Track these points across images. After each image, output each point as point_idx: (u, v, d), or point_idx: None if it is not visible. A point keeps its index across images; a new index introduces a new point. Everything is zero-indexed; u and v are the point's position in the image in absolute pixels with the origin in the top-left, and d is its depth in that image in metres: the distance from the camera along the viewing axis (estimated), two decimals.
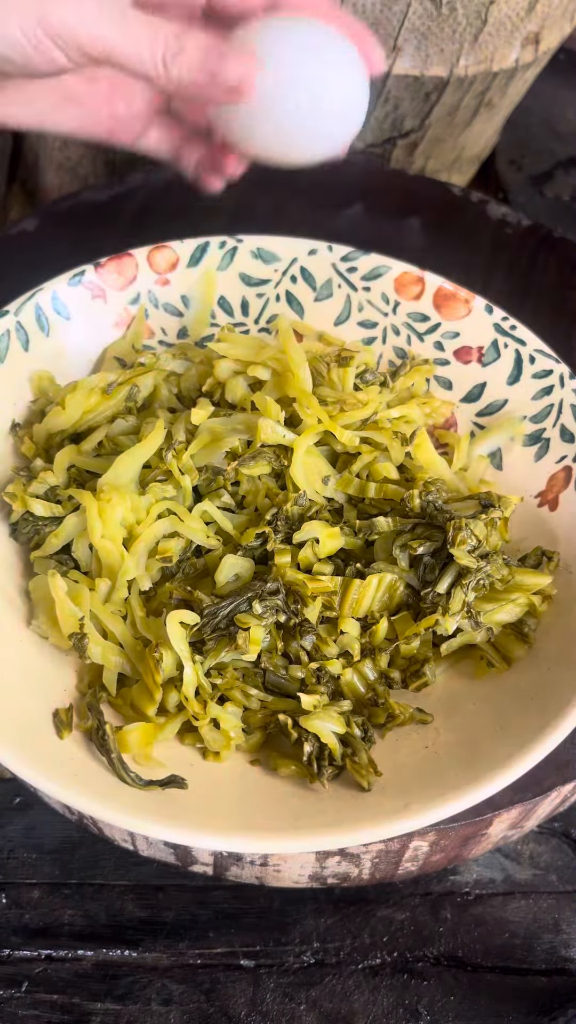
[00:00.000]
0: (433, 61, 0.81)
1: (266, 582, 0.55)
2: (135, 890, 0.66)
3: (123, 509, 0.56)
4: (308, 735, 0.52)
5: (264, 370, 0.61)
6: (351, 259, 0.68)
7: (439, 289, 0.67)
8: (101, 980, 0.63)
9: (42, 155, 0.98)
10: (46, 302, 0.63)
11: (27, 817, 0.68)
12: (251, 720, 0.55)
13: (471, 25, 0.79)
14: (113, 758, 0.51)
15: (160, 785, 0.50)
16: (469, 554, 0.55)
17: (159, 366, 0.63)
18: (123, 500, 0.56)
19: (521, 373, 0.65)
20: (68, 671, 0.56)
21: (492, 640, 0.56)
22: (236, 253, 0.67)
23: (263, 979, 0.64)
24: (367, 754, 0.52)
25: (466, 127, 0.91)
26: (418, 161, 0.93)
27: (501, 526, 0.60)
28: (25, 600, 0.57)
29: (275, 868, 0.57)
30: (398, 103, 0.85)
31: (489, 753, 0.51)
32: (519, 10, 0.80)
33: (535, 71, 0.90)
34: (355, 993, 0.63)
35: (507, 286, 0.80)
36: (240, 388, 0.62)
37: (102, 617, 0.55)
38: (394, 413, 0.63)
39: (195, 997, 0.63)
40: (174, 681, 0.53)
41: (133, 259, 0.66)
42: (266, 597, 0.54)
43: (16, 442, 0.61)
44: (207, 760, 0.54)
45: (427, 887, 0.67)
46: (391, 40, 0.79)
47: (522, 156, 1.08)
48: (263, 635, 0.54)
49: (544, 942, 0.66)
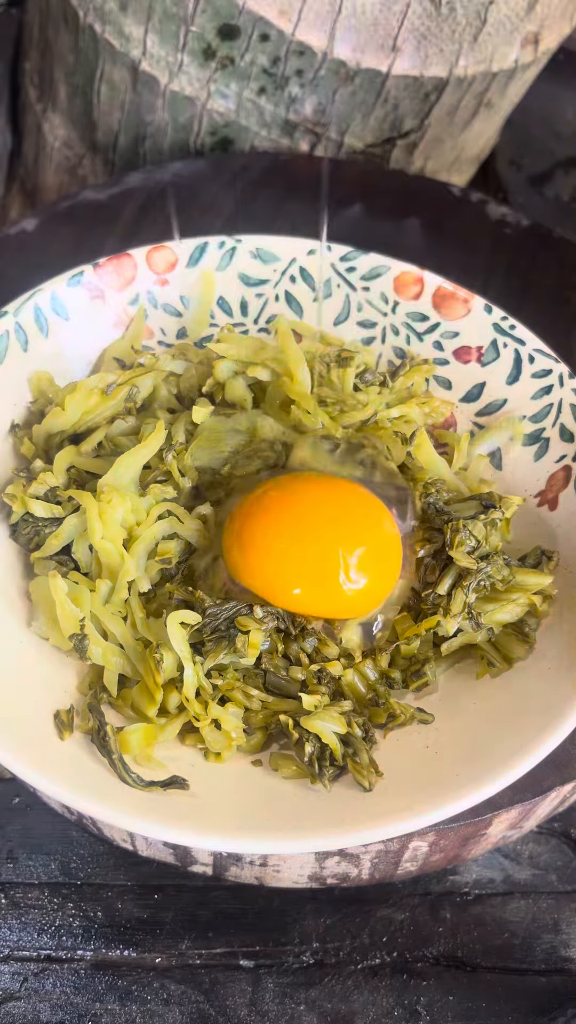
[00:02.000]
0: (432, 61, 0.81)
1: None
2: (135, 890, 0.66)
3: (123, 510, 0.56)
4: (309, 735, 0.52)
5: (264, 370, 0.61)
6: (350, 259, 0.68)
7: (438, 289, 0.67)
8: (101, 980, 0.63)
9: (42, 155, 0.98)
10: (45, 303, 0.63)
11: (27, 817, 0.68)
12: (252, 720, 0.54)
13: (471, 25, 0.79)
14: (114, 759, 0.51)
15: (162, 786, 0.50)
16: (469, 555, 0.55)
17: (158, 367, 0.63)
18: (123, 501, 0.56)
19: (520, 373, 0.65)
20: (69, 672, 0.55)
21: (493, 640, 0.56)
22: (235, 253, 0.67)
23: (263, 979, 0.64)
24: (368, 754, 0.52)
25: (465, 127, 0.91)
26: (417, 161, 0.93)
27: (503, 526, 0.60)
28: (25, 601, 0.57)
29: (274, 868, 0.57)
30: (397, 103, 0.85)
31: (491, 753, 0.51)
32: (519, 10, 0.80)
33: (535, 71, 0.90)
34: (355, 993, 0.63)
35: (506, 286, 0.79)
36: (240, 388, 0.62)
37: (102, 618, 0.55)
38: (394, 413, 0.63)
39: (195, 997, 0.63)
40: (175, 682, 0.53)
41: (132, 259, 0.66)
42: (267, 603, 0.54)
43: (16, 443, 0.61)
44: (208, 761, 0.54)
45: (426, 887, 0.67)
46: (391, 40, 0.79)
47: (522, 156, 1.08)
48: (263, 639, 0.54)
49: (543, 942, 0.66)
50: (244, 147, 0.89)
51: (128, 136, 0.92)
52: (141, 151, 0.92)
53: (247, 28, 0.80)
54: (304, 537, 0.54)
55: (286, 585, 0.54)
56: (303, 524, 0.55)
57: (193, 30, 0.81)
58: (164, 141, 0.91)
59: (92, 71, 0.89)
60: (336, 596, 0.54)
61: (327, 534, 0.55)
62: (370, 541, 0.55)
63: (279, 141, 0.88)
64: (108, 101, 0.90)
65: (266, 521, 0.55)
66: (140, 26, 0.82)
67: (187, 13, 0.80)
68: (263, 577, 0.54)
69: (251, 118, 0.86)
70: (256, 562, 0.54)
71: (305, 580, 0.54)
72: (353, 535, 0.55)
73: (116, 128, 0.92)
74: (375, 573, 0.55)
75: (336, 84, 0.83)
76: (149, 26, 0.82)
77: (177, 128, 0.89)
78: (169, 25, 0.81)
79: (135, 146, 0.92)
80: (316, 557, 0.54)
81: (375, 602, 0.56)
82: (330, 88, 0.83)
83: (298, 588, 0.54)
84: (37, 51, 0.96)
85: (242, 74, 0.83)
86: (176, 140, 0.90)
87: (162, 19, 0.81)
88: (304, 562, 0.54)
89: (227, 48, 0.81)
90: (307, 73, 0.82)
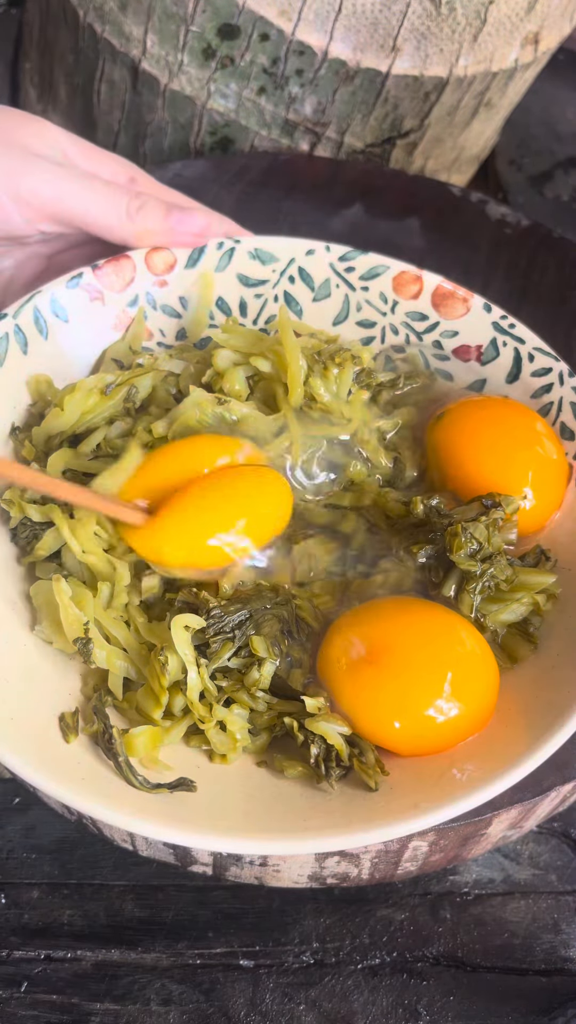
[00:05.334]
0: (432, 61, 0.81)
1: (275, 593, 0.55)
2: (134, 890, 0.66)
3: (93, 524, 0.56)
4: (315, 737, 0.52)
5: (265, 361, 0.61)
6: (349, 259, 0.68)
7: (437, 288, 0.67)
8: (100, 980, 0.63)
9: None
10: (44, 305, 0.63)
11: (26, 817, 0.68)
12: (257, 722, 0.54)
13: (470, 25, 0.79)
14: (120, 762, 0.50)
15: (169, 788, 0.50)
16: (470, 558, 0.55)
17: (157, 367, 0.63)
18: (90, 519, 0.56)
19: (520, 371, 0.65)
20: (73, 675, 0.55)
21: (498, 641, 0.56)
22: (234, 254, 0.67)
23: (262, 979, 0.64)
24: (374, 754, 0.52)
25: (465, 127, 0.91)
26: (417, 161, 0.93)
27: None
28: (28, 605, 0.57)
29: (274, 868, 0.57)
30: (397, 103, 0.85)
31: (496, 751, 0.51)
32: (518, 10, 0.80)
33: (535, 71, 0.90)
34: (354, 993, 0.63)
35: (506, 286, 0.80)
36: (239, 379, 0.61)
37: (105, 622, 0.55)
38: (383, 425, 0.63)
39: (194, 997, 0.63)
40: (180, 684, 0.53)
41: (131, 261, 0.66)
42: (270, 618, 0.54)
43: (17, 446, 0.61)
44: (214, 762, 0.53)
45: (426, 887, 0.67)
46: (391, 40, 0.79)
47: (522, 156, 1.08)
48: (272, 670, 0.54)
49: (543, 942, 0.66)
50: (244, 147, 0.89)
51: (128, 136, 0.92)
52: (141, 151, 0.92)
53: (247, 28, 0.80)
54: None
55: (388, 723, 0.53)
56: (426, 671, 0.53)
57: (193, 30, 0.81)
58: (164, 141, 0.91)
59: (92, 71, 0.89)
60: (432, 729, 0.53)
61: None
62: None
63: (279, 141, 0.88)
64: (108, 101, 0.90)
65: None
66: (140, 26, 0.82)
67: (187, 13, 0.80)
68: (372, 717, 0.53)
69: (251, 118, 0.86)
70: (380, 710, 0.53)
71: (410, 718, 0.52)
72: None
73: (116, 128, 0.92)
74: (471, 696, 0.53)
75: (336, 84, 0.83)
76: (149, 26, 0.82)
77: (177, 128, 0.89)
78: (169, 25, 0.81)
79: (135, 146, 0.92)
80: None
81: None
82: (330, 88, 0.83)
83: (398, 723, 0.53)
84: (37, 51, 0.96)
85: (242, 74, 0.83)
86: (176, 140, 0.90)
87: (162, 19, 0.81)
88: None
89: (227, 48, 0.81)
90: (307, 73, 0.82)
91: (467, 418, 0.62)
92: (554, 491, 0.61)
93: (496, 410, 0.63)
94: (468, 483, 0.60)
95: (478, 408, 0.63)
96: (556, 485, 0.61)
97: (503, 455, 0.60)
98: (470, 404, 0.64)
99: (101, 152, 0.66)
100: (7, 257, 0.67)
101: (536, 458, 0.61)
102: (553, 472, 0.61)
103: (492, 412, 0.63)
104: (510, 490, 0.59)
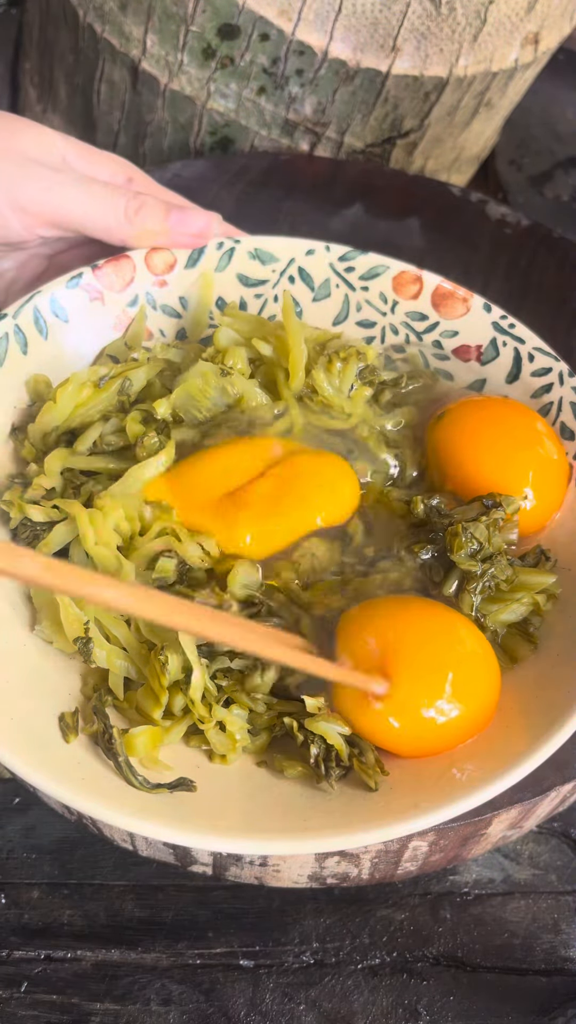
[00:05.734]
0: (432, 61, 0.81)
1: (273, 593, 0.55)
2: (134, 890, 0.66)
3: (115, 518, 0.55)
4: (314, 737, 0.52)
5: (266, 345, 0.61)
6: (349, 259, 0.68)
7: (437, 288, 0.67)
8: (100, 980, 0.63)
9: None
10: (44, 305, 0.63)
11: (26, 817, 0.68)
12: (257, 722, 0.54)
13: (470, 25, 0.79)
14: (120, 762, 0.50)
15: (168, 788, 0.50)
16: (470, 558, 0.55)
17: (154, 357, 0.63)
18: (115, 509, 0.55)
19: (520, 371, 0.65)
20: (73, 675, 0.55)
21: (499, 642, 0.56)
22: (233, 254, 0.67)
23: (262, 979, 0.64)
24: (374, 754, 0.52)
25: (465, 127, 0.91)
26: (417, 161, 0.93)
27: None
28: (29, 604, 0.57)
29: (274, 868, 0.57)
30: (397, 103, 0.85)
31: (496, 751, 0.51)
32: (518, 10, 0.80)
33: (535, 71, 0.90)
34: (354, 993, 0.63)
35: (506, 286, 0.80)
36: (241, 358, 0.61)
37: (105, 622, 0.54)
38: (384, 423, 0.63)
39: (194, 997, 0.63)
40: (179, 684, 0.53)
41: (131, 261, 0.66)
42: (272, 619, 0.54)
43: (17, 446, 0.61)
44: (213, 762, 0.53)
45: (426, 887, 0.67)
46: (391, 40, 0.79)
47: (522, 156, 1.08)
48: (275, 677, 0.54)
49: (543, 942, 0.66)
50: (244, 147, 0.89)
51: (128, 136, 0.92)
52: (141, 151, 0.92)
53: (247, 28, 0.80)
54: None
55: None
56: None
57: (193, 30, 0.81)
58: (164, 141, 0.91)
59: (92, 71, 0.89)
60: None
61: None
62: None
63: (279, 141, 0.88)
64: (108, 101, 0.90)
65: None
66: (140, 26, 0.82)
67: (187, 13, 0.80)
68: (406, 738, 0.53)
69: (251, 118, 0.86)
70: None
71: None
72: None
73: (116, 128, 0.92)
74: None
75: (336, 84, 0.83)
76: (149, 26, 0.82)
77: (177, 128, 0.89)
78: (169, 25, 0.81)
79: (135, 146, 0.92)
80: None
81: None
82: (330, 88, 0.83)
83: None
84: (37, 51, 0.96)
85: (242, 74, 0.83)
86: (176, 140, 0.90)
87: (162, 19, 0.81)
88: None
89: (227, 48, 0.81)
90: (307, 73, 0.82)
91: (467, 418, 0.62)
92: (554, 491, 0.61)
93: (496, 410, 0.63)
94: (468, 483, 0.60)
95: (478, 408, 0.63)
96: (556, 485, 0.61)
97: (503, 455, 0.60)
98: (470, 404, 0.64)
99: (98, 153, 0.66)
100: (8, 258, 0.67)
101: (536, 458, 0.61)
102: (553, 472, 0.61)
103: (492, 412, 0.63)
104: (510, 490, 0.59)
